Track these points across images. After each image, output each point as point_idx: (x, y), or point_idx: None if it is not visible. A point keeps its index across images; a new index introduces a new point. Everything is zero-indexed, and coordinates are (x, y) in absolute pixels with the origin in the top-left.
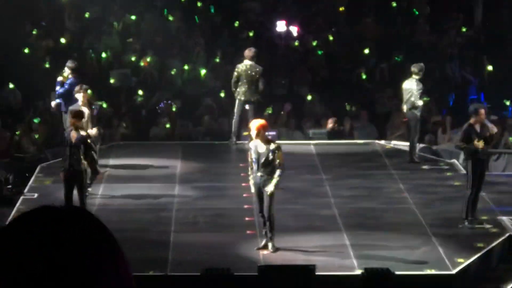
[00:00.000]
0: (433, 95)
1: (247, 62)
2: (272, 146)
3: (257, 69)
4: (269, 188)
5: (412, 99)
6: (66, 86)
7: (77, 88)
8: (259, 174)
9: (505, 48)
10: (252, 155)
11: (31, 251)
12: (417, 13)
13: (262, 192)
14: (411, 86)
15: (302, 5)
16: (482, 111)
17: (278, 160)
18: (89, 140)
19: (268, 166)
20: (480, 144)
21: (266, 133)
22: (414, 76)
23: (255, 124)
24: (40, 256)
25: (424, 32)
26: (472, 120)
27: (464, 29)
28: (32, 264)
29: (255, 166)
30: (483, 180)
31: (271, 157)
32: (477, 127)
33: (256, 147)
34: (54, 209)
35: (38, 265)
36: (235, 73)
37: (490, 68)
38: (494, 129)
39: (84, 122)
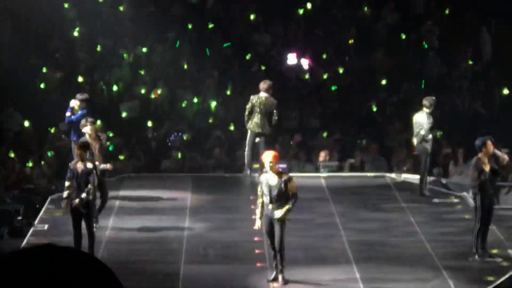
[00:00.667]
0: (444, 128)
1: (262, 94)
2: (284, 177)
3: (272, 102)
4: (278, 213)
5: (422, 132)
6: (75, 118)
7: (83, 122)
8: (270, 207)
9: None
10: (264, 189)
11: (26, 284)
12: (426, 46)
13: (273, 225)
14: (421, 120)
15: (313, 38)
16: (489, 142)
17: (291, 191)
18: (94, 172)
19: (280, 198)
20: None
21: (277, 166)
22: (425, 109)
23: (269, 155)
24: None
25: (435, 66)
26: (480, 154)
27: (470, 62)
28: None
29: (266, 199)
30: (492, 213)
31: (283, 189)
32: (486, 160)
33: (268, 179)
34: (59, 248)
35: None
36: (249, 104)
37: (506, 91)
38: (505, 158)
39: (96, 156)
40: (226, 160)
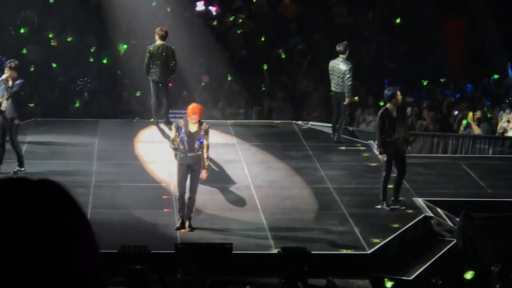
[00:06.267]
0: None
1: (158, 42)
2: (205, 126)
3: (169, 49)
4: (204, 174)
5: (345, 80)
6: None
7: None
8: (189, 154)
9: (422, 30)
10: (181, 135)
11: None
12: None
13: (188, 172)
14: (341, 66)
15: None
16: (399, 92)
17: (207, 141)
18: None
19: (199, 146)
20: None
21: None
22: (340, 55)
23: (197, 108)
24: (9, 226)
25: (342, 15)
26: (388, 104)
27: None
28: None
29: (182, 146)
30: (404, 162)
31: (203, 137)
32: (394, 112)
33: (187, 127)
34: (24, 180)
35: (7, 235)
36: (147, 54)
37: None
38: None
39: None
40: (135, 105)
